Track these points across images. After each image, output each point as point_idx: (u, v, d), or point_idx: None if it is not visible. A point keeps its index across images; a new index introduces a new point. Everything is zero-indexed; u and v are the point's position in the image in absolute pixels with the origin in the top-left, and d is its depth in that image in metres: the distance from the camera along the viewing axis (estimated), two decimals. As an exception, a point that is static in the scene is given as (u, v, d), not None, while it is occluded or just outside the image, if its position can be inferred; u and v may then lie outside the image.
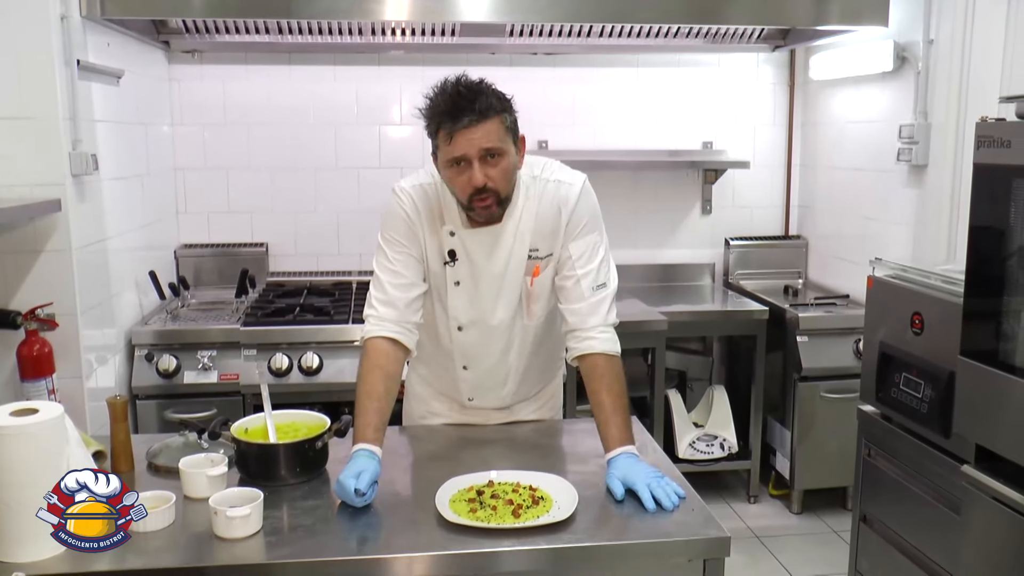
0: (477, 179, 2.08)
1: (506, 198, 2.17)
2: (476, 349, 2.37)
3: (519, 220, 2.25)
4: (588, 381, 2.23)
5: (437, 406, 2.56)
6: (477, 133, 2.05)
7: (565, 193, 2.25)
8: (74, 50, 3.05)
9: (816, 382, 4.10)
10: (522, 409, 2.54)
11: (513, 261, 2.27)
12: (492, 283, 2.28)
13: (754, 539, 4.05)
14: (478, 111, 2.04)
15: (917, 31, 3.76)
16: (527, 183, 2.25)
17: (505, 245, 2.25)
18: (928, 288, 2.80)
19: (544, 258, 2.28)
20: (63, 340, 2.99)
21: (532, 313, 2.34)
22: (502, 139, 2.09)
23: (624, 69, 4.73)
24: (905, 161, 3.87)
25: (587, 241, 2.27)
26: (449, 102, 2.06)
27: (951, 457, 2.64)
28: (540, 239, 2.26)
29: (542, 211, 2.24)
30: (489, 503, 1.93)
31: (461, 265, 2.28)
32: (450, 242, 2.26)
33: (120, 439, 2.17)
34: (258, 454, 2.11)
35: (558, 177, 2.27)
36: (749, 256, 4.92)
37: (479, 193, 2.11)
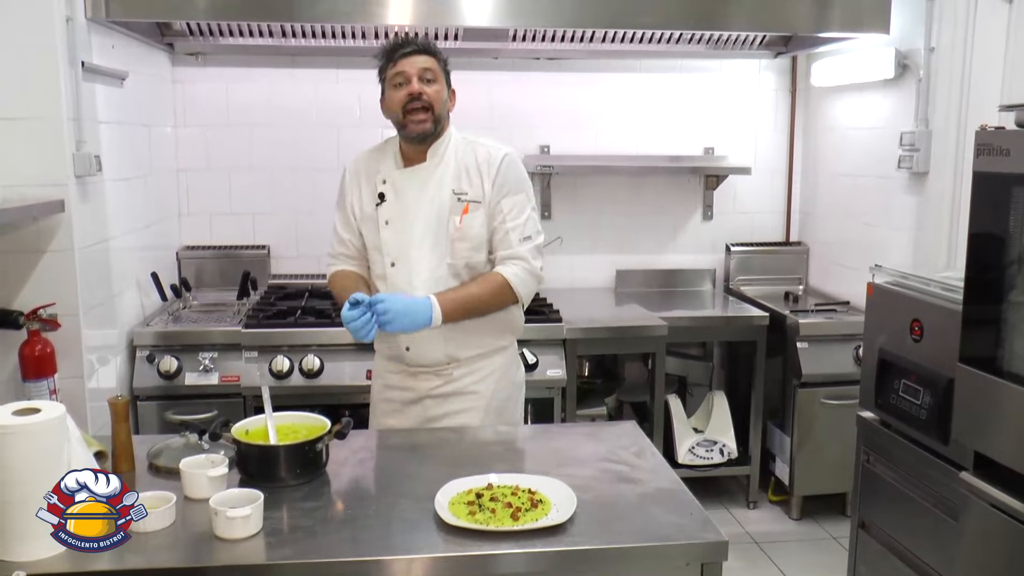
0: (414, 87, 2.53)
1: (438, 119, 2.58)
2: (406, 283, 2.59)
3: (445, 166, 2.62)
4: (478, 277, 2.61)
5: (391, 378, 2.74)
6: (418, 59, 2.55)
7: (490, 153, 2.64)
8: (78, 51, 3.06)
9: (816, 388, 4.11)
10: (463, 376, 2.67)
11: (438, 201, 2.60)
12: (419, 220, 2.60)
13: (753, 545, 4.05)
14: (421, 45, 2.57)
15: (918, 39, 3.77)
16: (457, 140, 2.67)
17: (431, 185, 2.61)
18: (927, 295, 2.81)
19: (473, 202, 2.60)
20: (65, 340, 3.00)
21: (457, 252, 2.61)
22: (437, 71, 2.58)
23: (626, 74, 4.75)
24: (906, 168, 3.88)
25: (515, 200, 2.62)
26: (400, 39, 2.59)
27: (950, 464, 2.65)
28: (468, 184, 2.61)
29: (467, 163, 2.63)
30: (488, 506, 1.94)
31: (391, 205, 2.63)
32: (381, 187, 2.65)
33: (121, 439, 2.18)
34: (258, 455, 2.11)
35: (490, 143, 2.69)
36: (750, 262, 4.93)
37: (413, 102, 2.53)
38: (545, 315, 4.00)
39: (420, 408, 2.69)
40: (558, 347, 3.89)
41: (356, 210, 2.71)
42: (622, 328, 4.04)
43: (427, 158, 2.62)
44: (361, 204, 2.69)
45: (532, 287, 2.65)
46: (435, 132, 2.60)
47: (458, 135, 2.69)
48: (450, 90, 2.65)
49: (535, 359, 3.80)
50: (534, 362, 3.80)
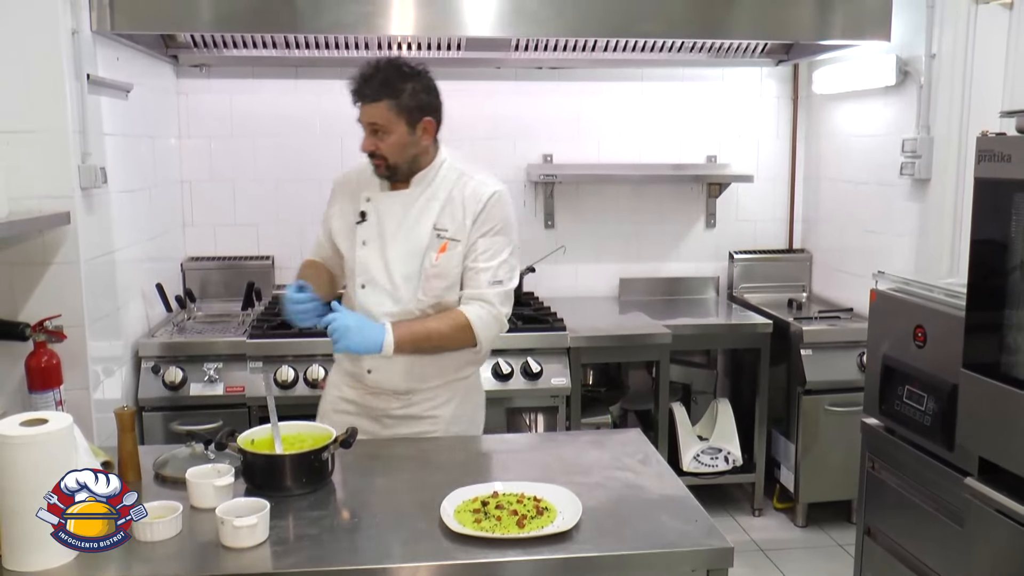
0: (364, 144, 2.49)
1: (394, 165, 2.50)
2: (375, 308, 2.54)
3: (431, 196, 2.54)
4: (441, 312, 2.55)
5: (347, 390, 2.69)
6: (366, 110, 2.46)
7: (479, 190, 2.54)
8: (84, 64, 3.08)
9: (820, 395, 4.11)
10: (423, 401, 2.62)
11: (417, 231, 2.53)
12: (396, 247, 2.54)
13: (759, 552, 4.05)
14: (366, 94, 2.44)
15: (919, 45, 3.78)
16: (448, 172, 2.57)
17: (412, 214, 2.54)
18: (930, 301, 2.82)
19: (453, 240, 2.52)
20: (71, 352, 3.00)
21: (430, 288, 2.54)
22: (388, 120, 2.44)
23: (628, 83, 4.76)
24: (908, 175, 3.88)
25: (494, 241, 2.55)
26: (355, 79, 2.48)
27: (954, 469, 2.64)
28: (451, 221, 2.53)
29: (454, 197, 2.54)
30: (494, 513, 1.94)
31: (370, 226, 2.57)
32: (364, 205, 2.59)
33: (127, 450, 2.19)
34: (264, 465, 2.12)
35: (479, 178, 2.58)
36: (753, 269, 4.93)
37: (370, 156, 2.50)
38: (549, 324, 4.00)
39: (377, 425, 2.64)
40: (562, 356, 3.90)
41: (336, 222, 2.67)
42: (626, 336, 4.05)
43: (411, 185, 2.55)
44: (343, 218, 2.65)
45: (494, 332, 2.56)
46: (400, 173, 2.53)
47: (451, 164, 2.58)
48: (421, 123, 2.48)
49: (539, 368, 3.81)
50: (538, 371, 3.81)
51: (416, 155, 2.52)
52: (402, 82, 2.44)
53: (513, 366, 3.80)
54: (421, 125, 2.48)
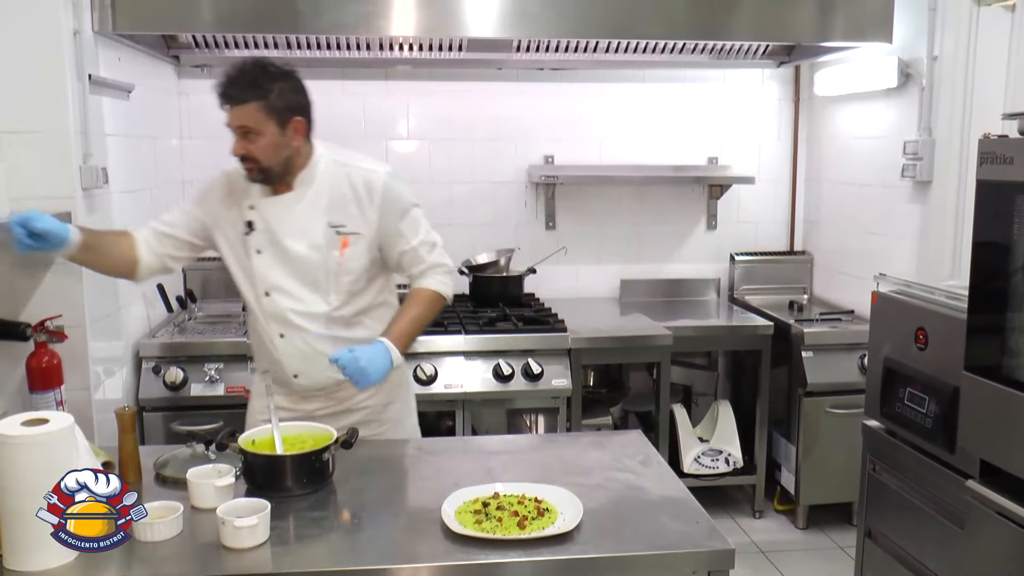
0: (234, 148, 2.42)
1: (267, 168, 2.43)
2: (285, 312, 2.52)
3: (316, 194, 2.50)
4: (410, 297, 2.58)
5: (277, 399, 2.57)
6: (234, 113, 2.40)
7: (368, 178, 2.52)
8: (86, 65, 3.08)
9: (821, 397, 4.11)
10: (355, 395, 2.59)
11: (312, 234, 2.49)
12: (291, 250, 2.49)
13: (759, 554, 4.05)
14: (233, 96, 2.38)
15: (921, 48, 3.78)
16: (328, 166, 2.52)
17: (298, 215, 2.49)
18: (932, 303, 2.81)
19: (352, 234, 2.50)
20: (72, 352, 3.00)
21: (340, 286, 2.52)
22: (258, 121, 2.38)
23: (630, 84, 4.76)
24: (909, 177, 3.88)
25: (411, 218, 2.56)
26: (221, 82, 2.41)
27: (956, 472, 2.64)
28: (344, 216, 2.50)
29: (341, 191, 2.50)
30: (495, 514, 1.94)
31: (259, 234, 2.51)
32: (249, 214, 2.52)
33: (128, 450, 2.19)
34: (265, 465, 2.12)
35: (365, 165, 2.56)
36: (754, 271, 4.93)
37: (241, 160, 2.42)
38: (550, 325, 4.00)
39: None
40: (563, 357, 3.90)
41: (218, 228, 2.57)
42: (627, 338, 4.05)
43: (294, 187, 2.49)
44: (226, 226, 2.56)
45: (452, 286, 2.65)
46: (274, 176, 2.45)
47: (328, 157, 2.54)
48: (292, 123, 2.42)
49: (540, 369, 3.81)
50: (539, 372, 3.81)
51: (289, 156, 2.45)
52: (270, 82, 2.39)
53: (514, 367, 3.80)
54: (291, 126, 2.43)
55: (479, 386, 3.81)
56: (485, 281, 4.50)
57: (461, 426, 3.86)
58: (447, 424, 3.94)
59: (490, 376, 3.80)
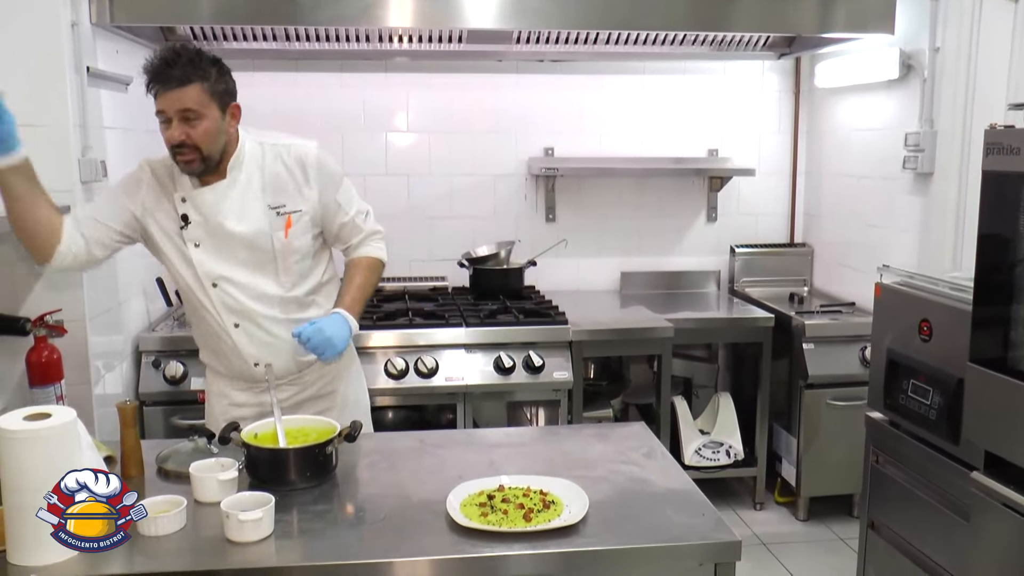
0: (174, 135, 2.31)
1: (207, 156, 2.36)
2: (236, 300, 2.49)
3: (247, 180, 2.46)
4: (353, 267, 2.62)
5: (237, 396, 2.63)
6: (174, 95, 2.29)
7: (300, 153, 2.51)
8: (84, 57, 3.06)
9: (822, 389, 4.10)
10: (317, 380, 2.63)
11: (252, 218, 2.45)
12: (231, 237, 2.45)
13: (760, 546, 4.04)
14: (176, 77, 2.28)
15: (923, 39, 3.77)
16: (253, 148, 2.48)
17: (234, 201, 2.45)
18: (936, 295, 2.80)
19: (294, 212, 2.48)
20: (71, 347, 2.99)
21: (288, 267, 2.51)
22: (202, 104, 2.31)
23: (630, 76, 4.75)
24: (911, 169, 3.87)
25: (344, 188, 2.58)
26: (156, 65, 2.30)
27: (960, 464, 2.64)
28: (283, 196, 2.48)
29: (274, 171, 2.48)
30: (500, 507, 1.93)
31: (196, 227, 2.45)
32: (182, 207, 2.45)
33: (130, 444, 2.18)
34: (268, 459, 2.11)
35: (291, 141, 2.53)
36: (754, 264, 4.92)
37: (178, 147, 2.33)
38: (551, 318, 3.99)
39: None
40: (564, 349, 3.89)
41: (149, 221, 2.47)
42: (628, 330, 4.03)
43: (226, 174, 2.44)
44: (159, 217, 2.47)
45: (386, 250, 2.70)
46: (211, 164, 2.39)
47: (251, 141, 2.48)
48: (231, 107, 2.39)
49: (541, 361, 3.80)
50: (540, 364, 3.80)
51: (226, 143, 2.41)
52: (209, 65, 2.34)
53: (515, 360, 3.79)
54: (230, 110, 2.39)
55: (480, 379, 3.80)
56: (485, 274, 4.49)
57: (462, 419, 3.85)
58: (448, 417, 3.93)
59: (491, 369, 3.79)
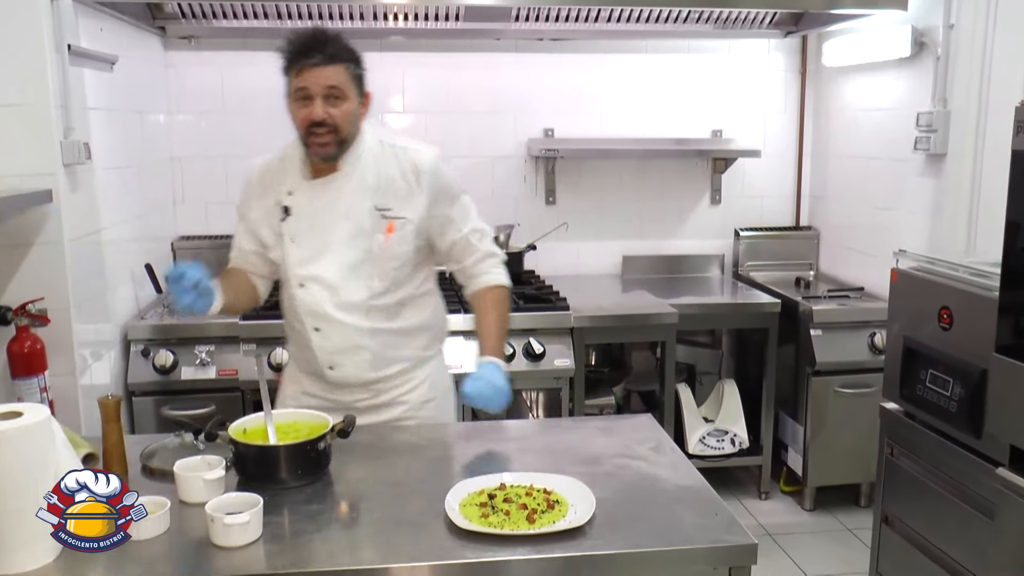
0: (317, 113, 2.25)
1: (345, 139, 2.32)
2: (321, 306, 2.40)
3: (363, 175, 2.37)
4: (481, 302, 2.50)
5: (309, 385, 2.54)
6: (324, 72, 2.24)
7: (417, 159, 2.40)
8: (65, 35, 2.93)
9: (830, 377, 4.00)
10: (392, 389, 2.51)
11: (355, 214, 2.36)
12: (333, 234, 2.37)
13: (766, 537, 3.95)
14: (327, 54, 2.24)
15: (937, 15, 3.65)
16: (373, 144, 2.40)
17: (345, 198, 2.37)
18: (957, 281, 2.69)
19: (399, 219, 2.37)
20: (55, 336, 2.88)
21: (384, 273, 2.40)
22: (345, 84, 2.27)
23: (632, 55, 4.63)
24: (923, 150, 3.76)
25: (461, 204, 2.47)
26: (304, 41, 2.27)
27: (982, 458, 2.53)
28: (391, 199, 2.38)
29: (388, 172, 2.38)
30: (502, 507, 1.83)
31: (297, 220, 2.39)
32: (287, 200, 2.40)
33: (112, 440, 2.07)
34: (257, 456, 2.00)
35: (413, 146, 2.43)
36: (759, 247, 4.82)
37: (316, 126, 2.26)
38: (552, 303, 3.89)
39: None
40: (565, 336, 3.78)
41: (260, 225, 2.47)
42: (631, 316, 3.93)
43: (339, 167, 2.37)
44: (267, 218, 2.45)
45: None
46: (343, 150, 2.34)
47: (373, 136, 2.41)
48: (363, 96, 2.35)
49: (542, 348, 3.70)
50: (541, 352, 3.70)
51: (355, 132, 2.36)
52: (353, 49, 2.32)
53: (515, 347, 3.69)
54: (364, 98, 2.36)
55: (479, 367, 3.69)
56: (484, 258, 4.37)
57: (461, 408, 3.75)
58: (446, 406, 3.83)
59: (491, 357, 3.68)
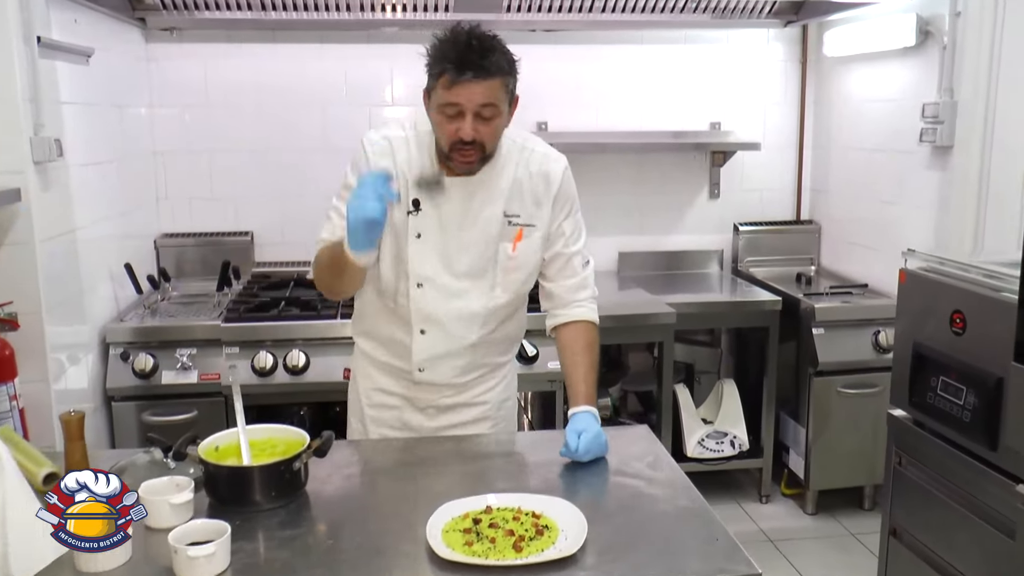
0: (466, 132, 2.05)
1: (488, 155, 2.14)
2: (436, 310, 2.25)
3: (497, 179, 2.21)
4: (570, 343, 2.31)
5: (385, 381, 2.39)
6: (478, 88, 2.01)
7: (551, 167, 2.25)
8: (34, 26, 2.80)
9: (833, 376, 3.88)
10: (475, 386, 2.39)
11: (484, 219, 2.21)
12: (460, 238, 2.22)
13: (767, 542, 3.84)
14: (484, 68, 2.01)
15: (943, 3, 3.52)
16: (509, 147, 2.22)
17: (477, 200, 2.20)
18: (971, 284, 2.55)
19: (527, 226, 2.23)
20: (26, 341, 2.75)
21: (509, 283, 2.26)
22: (500, 99, 2.06)
23: (628, 47, 4.50)
24: (928, 142, 3.63)
25: (576, 220, 2.32)
26: (460, 50, 2.02)
27: (999, 472, 2.39)
28: (521, 206, 2.23)
29: (522, 177, 2.23)
30: (487, 534, 1.71)
31: (426, 216, 2.20)
32: (416, 192, 2.19)
33: (76, 459, 1.95)
34: (228, 477, 1.88)
35: (544, 150, 2.28)
36: (759, 242, 4.69)
37: (463, 145, 2.07)
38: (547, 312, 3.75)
39: (422, 416, 2.39)
40: (560, 337, 3.65)
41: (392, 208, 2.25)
42: (628, 316, 3.80)
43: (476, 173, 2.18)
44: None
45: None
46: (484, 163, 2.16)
47: (509, 136, 2.20)
48: (515, 101, 2.13)
49: (535, 351, 3.57)
50: (534, 354, 3.57)
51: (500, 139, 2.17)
52: (511, 56, 2.09)
53: (507, 349, 3.56)
54: (514, 106, 2.14)
55: (470, 370, 3.57)
56: (476, 256, 4.25)
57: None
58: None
59: (482, 359, 3.56)
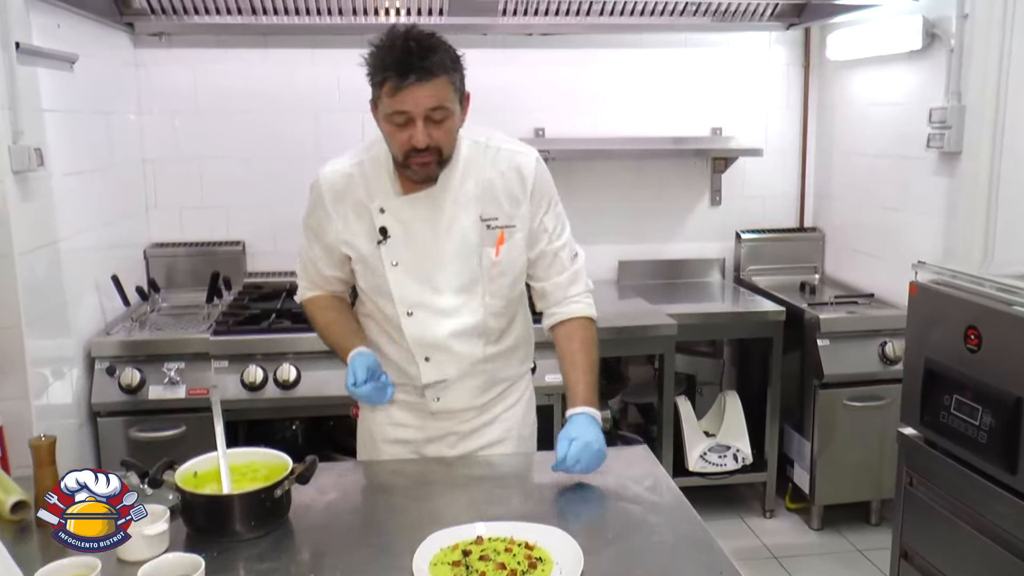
0: (419, 139, 1.95)
1: (446, 159, 2.04)
2: (433, 334, 2.16)
3: (460, 185, 2.11)
4: (567, 341, 2.25)
5: (400, 415, 2.29)
6: (424, 91, 1.91)
7: (521, 162, 2.15)
8: (12, 31, 2.71)
9: (838, 389, 3.78)
10: (495, 405, 2.30)
11: (460, 229, 2.11)
12: (436, 255, 2.12)
13: (772, 559, 3.73)
14: (427, 69, 1.91)
15: (949, 5, 3.42)
16: (469, 147, 2.12)
17: (445, 211, 2.10)
18: (986, 298, 2.45)
19: (508, 227, 2.14)
20: (6, 355, 2.71)
21: (497, 290, 2.17)
22: (449, 99, 1.96)
23: (626, 51, 4.41)
24: (936, 147, 3.54)
25: (557, 213, 2.22)
26: (399, 54, 1.92)
27: (1017, 496, 2.29)
28: (498, 208, 2.13)
29: (493, 177, 2.12)
30: (477, 567, 1.62)
31: (396, 242, 2.12)
32: (380, 219, 2.11)
33: (46, 486, 1.83)
34: (206, 507, 1.78)
35: (510, 146, 2.17)
36: (761, 250, 4.60)
37: (418, 152, 1.98)
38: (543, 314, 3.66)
39: (443, 445, 2.28)
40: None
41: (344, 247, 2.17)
42: (628, 328, 3.70)
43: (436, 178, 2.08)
44: (353, 240, 2.15)
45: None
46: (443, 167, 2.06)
47: (468, 137, 2.12)
48: (466, 99, 2.04)
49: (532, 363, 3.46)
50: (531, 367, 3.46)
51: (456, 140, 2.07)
52: (453, 51, 1.99)
53: (504, 362, 3.46)
54: (465, 103, 2.05)
55: (466, 383, 3.47)
56: (472, 265, 4.16)
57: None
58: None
59: (478, 372, 3.47)
